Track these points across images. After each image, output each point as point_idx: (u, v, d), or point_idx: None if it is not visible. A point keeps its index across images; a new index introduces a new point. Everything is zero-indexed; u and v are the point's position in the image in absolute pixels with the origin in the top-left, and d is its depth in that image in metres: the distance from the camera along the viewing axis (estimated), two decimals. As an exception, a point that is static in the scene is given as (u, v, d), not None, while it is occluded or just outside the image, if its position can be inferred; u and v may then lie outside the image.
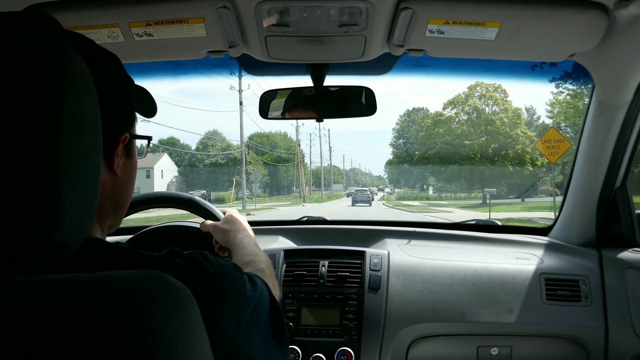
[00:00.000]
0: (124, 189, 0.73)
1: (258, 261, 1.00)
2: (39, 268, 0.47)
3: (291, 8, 1.10)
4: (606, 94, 1.42)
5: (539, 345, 1.55)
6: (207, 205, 1.39)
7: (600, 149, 1.51)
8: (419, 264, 1.60)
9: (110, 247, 0.63)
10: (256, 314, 0.72)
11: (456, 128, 36.10)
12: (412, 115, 53.47)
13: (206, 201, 1.40)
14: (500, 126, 32.79)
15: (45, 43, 0.47)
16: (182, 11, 1.10)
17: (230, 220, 1.24)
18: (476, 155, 32.83)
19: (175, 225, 1.58)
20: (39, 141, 0.44)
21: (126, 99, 0.71)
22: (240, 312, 0.67)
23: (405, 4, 1.08)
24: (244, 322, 0.68)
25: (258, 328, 0.72)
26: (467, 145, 33.75)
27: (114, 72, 0.69)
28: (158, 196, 1.43)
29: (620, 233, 1.57)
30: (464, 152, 33.77)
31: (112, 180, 0.69)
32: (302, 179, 43.43)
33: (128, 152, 0.73)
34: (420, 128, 47.30)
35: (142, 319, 0.44)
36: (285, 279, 1.58)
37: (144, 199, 1.42)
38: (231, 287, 0.67)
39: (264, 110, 1.51)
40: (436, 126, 36.41)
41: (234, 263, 0.73)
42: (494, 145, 32.45)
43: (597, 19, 1.11)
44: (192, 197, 1.39)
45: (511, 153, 31.49)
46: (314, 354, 1.47)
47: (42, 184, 0.44)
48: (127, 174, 0.73)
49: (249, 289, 0.71)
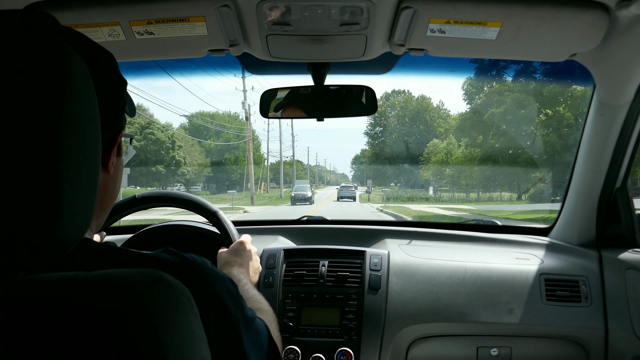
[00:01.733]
0: (114, 188, 0.74)
1: (264, 311, 0.98)
2: (37, 266, 0.47)
3: (292, 7, 1.10)
4: (607, 94, 1.42)
5: (539, 346, 1.54)
6: (226, 223, 1.37)
7: (601, 150, 1.51)
8: (419, 264, 1.60)
9: (105, 247, 0.63)
10: (255, 338, 0.72)
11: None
12: (392, 98, 46.32)
13: (228, 219, 1.38)
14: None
15: (45, 42, 0.47)
16: (183, 10, 1.10)
17: (235, 250, 1.23)
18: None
19: (175, 224, 1.58)
20: (39, 140, 0.44)
21: (122, 99, 0.72)
22: (237, 324, 0.68)
23: (407, 3, 1.08)
24: (245, 339, 0.68)
25: (257, 345, 0.72)
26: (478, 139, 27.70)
27: (112, 72, 0.69)
28: (186, 199, 1.42)
29: (621, 233, 1.57)
30: (478, 150, 27.66)
31: (105, 179, 0.70)
32: (252, 170, 31.10)
33: (118, 151, 0.73)
34: (403, 113, 43.58)
35: (141, 317, 0.44)
36: (285, 278, 1.58)
37: (171, 197, 1.41)
38: (226, 293, 0.67)
39: (265, 110, 1.51)
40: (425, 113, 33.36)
41: (231, 278, 0.72)
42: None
43: (598, 19, 1.11)
44: (216, 211, 1.38)
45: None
46: (313, 354, 1.46)
47: (42, 183, 0.44)
48: (117, 172, 0.73)
49: (246, 309, 0.72)
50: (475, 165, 27.53)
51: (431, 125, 42.46)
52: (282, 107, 1.52)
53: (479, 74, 15.30)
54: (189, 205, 1.39)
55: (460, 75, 21.26)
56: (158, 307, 0.45)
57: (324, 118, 1.52)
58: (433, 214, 19.77)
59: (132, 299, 0.45)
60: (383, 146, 46.35)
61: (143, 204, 1.38)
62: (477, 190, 30.54)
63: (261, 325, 0.77)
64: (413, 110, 42.76)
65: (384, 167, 45.37)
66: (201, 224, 1.59)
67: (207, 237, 1.53)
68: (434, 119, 43.01)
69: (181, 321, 0.48)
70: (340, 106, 1.51)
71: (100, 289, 0.45)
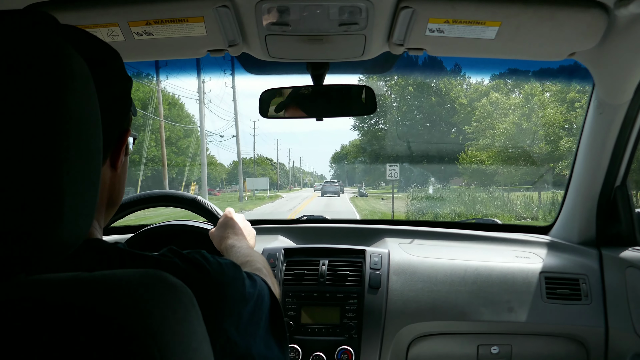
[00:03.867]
0: (121, 186, 0.74)
1: (254, 261, 1.00)
2: (39, 267, 0.47)
3: (291, 7, 1.10)
4: (606, 93, 1.42)
5: (539, 344, 1.55)
6: (207, 205, 1.40)
7: (601, 148, 1.51)
8: (419, 263, 1.60)
9: (109, 247, 0.63)
10: (256, 311, 0.72)
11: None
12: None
13: (208, 201, 1.41)
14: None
15: (45, 42, 0.47)
16: (182, 10, 1.10)
17: (224, 224, 1.24)
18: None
19: (174, 224, 1.58)
20: (40, 140, 0.44)
21: (129, 97, 0.73)
22: (240, 311, 0.68)
23: (406, 3, 1.08)
24: (244, 320, 0.68)
25: (258, 325, 0.72)
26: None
27: (119, 70, 0.70)
28: (160, 195, 1.44)
29: (620, 232, 1.57)
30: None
31: (112, 177, 0.71)
32: (164, 159, 22.23)
33: (126, 150, 0.74)
34: (405, 82, 29.39)
35: (142, 318, 0.44)
36: (286, 277, 1.58)
37: (144, 198, 1.43)
38: (230, 285, 0.67)
39: (264, 110, 1.51)
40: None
41: (232, 261, 0.73)
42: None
43: (597, 18, 1.11)
44: (194, 197, 1.41)
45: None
46: (314, 353, 1.47)
47: (43, 183, 0.44)
48: (123, 171, 0.74)
49: (248, 287, 0.72)
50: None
51: (447, 96, 29.03)
52: (281, 107, 1.52)
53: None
54: (166, 200, 1.43)
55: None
56: (158, 307, 0.45)
57: (324, 117, 1.52)
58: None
59: (131, 300, 0.45)
60: (377, 133, 33.16)
61: (126, 209, 1.41)
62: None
63: (263, 289, 0.76)
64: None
65: (377, 160, 33.78)
66: (199, 222, 1.60)
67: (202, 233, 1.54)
68: (450, 88, 28.80)
69: (182, 322, 0.48)
70: (339, 105, 1.51)
71: (100, 290, 0.45)
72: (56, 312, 0.42)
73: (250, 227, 1.30)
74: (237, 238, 1.17)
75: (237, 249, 1.08)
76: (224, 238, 1.19)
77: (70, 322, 0.42)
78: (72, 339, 0.41)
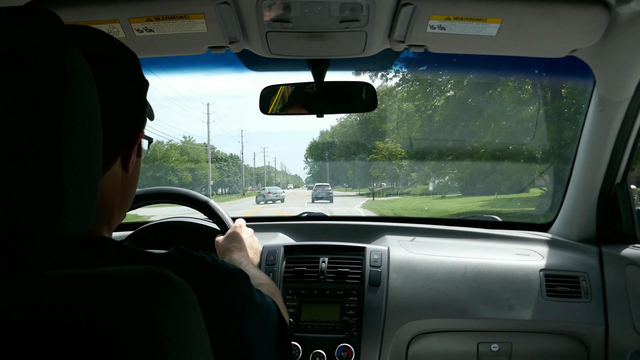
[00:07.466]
0: (132, 187, 0.74)
1: (265, 284, 0.98)
2: (39, 264, 0.47)
3: (292, 4, 1.10)
4: (607, 90, 1.41)
5: (539, 342, 1.55)
6: (219, 211, 1.39)
7: (601, 146, 1.51)
8: (419, 260, 1.61)
9: (115, 245, 0.63)
10: (263, 325, 0.71)
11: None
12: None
13: (220, 207, 1.40)
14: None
15: (44, 39, 0.47)
16: (183, 7, 1.10)
17: (231, 236, 1.24)
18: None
19: (177, 221, 1.58)
20: (40, 138, 0.44)
21: (143, 98, 0.72)
22: (244, 317, 0.67)
23: (407, 0, 1.07)
24: (249, 328, 0.67)
25: (264, 340, 0.71)
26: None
27: (135, 70, 0.69)
28: (173, 192, 1.43)
29: (621, 229, 1.57)
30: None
31: (124, 177, 0.70)
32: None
33: (138, 151, 0.73)
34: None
35: (142, 314, 0.44)
36: (286, 275, 1.58)
37: (158, 193, 1.42)
38: (236, 290, 0.67)
39: (265, 106, 1.50)
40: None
41: (242, 270, 0.72)
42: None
43: (598, 15, 1.11)
44: (207, 200, 1.40)
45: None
46: (314, 350, 1.47)
47: (43, 181, 0.44)
48: (135, 172, 0.74)
49: (256, 297, 0.71)
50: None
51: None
52: (282, 104, 1.52)
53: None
54: (179, 199, 1.41)
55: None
56: (157, 304, 0.45)
57: (325, 114, 1.52)
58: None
59: (131, 295, 0.45)
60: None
61: (138, 202, 1.40)
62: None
63: (271, 305, 0.76)
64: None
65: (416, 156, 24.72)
66: (200, 220, 1.60)
67: (208, 233, 1.54)
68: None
69: (182, 319, 0.47)
70: (340, 102, 1.51)
71: (99, 286, 0.45)
72: (56, 307, 0.42)
73: (257, 244, 1.29)
74: (242, 254, 1.16)
75: (244, 268, 1.06)
76: (229, 251, 1.18)
77: (70, 317, 0.42)
78: (70, 336, 0.41)
